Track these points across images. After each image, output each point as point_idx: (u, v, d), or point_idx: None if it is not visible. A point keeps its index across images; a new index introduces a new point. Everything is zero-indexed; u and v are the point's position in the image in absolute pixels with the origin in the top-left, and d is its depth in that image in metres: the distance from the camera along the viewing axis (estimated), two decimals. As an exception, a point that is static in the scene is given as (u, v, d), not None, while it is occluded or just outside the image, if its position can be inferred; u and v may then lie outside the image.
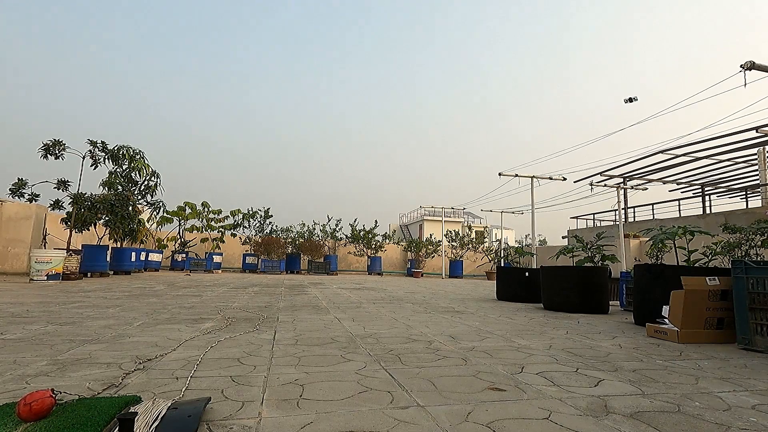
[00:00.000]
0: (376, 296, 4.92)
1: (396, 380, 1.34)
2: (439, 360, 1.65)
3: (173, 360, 1.55)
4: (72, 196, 7.28)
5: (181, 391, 1.18)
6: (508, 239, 27.88)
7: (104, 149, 8.33)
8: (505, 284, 5.03)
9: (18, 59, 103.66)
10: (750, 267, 2.09)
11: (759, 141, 9.40)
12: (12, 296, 3.78)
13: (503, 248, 12.87)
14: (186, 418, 0.94)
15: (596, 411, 1.09)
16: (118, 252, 8.60)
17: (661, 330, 2.31)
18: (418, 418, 1.01)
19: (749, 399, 1.23)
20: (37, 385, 1.22)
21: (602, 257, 4.19)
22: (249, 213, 14.58)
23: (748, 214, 9.75)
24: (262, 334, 2.13)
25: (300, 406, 1.08)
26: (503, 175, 11.81)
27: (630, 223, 16.08)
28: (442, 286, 8.47)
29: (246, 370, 1.43)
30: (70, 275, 6.35)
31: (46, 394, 0.93)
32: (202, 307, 3.28)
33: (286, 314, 3.00)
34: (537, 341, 2.14)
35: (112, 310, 2.93)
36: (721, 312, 2.24)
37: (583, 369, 1.55)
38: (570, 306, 3.74)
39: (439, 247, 16.67)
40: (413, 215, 37.92)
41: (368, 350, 1.81)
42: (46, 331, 2.06)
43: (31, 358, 1.53)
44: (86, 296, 3.92)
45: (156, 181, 9.58)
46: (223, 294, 4.60)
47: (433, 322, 2.80)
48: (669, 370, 1.58)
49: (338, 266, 15.32)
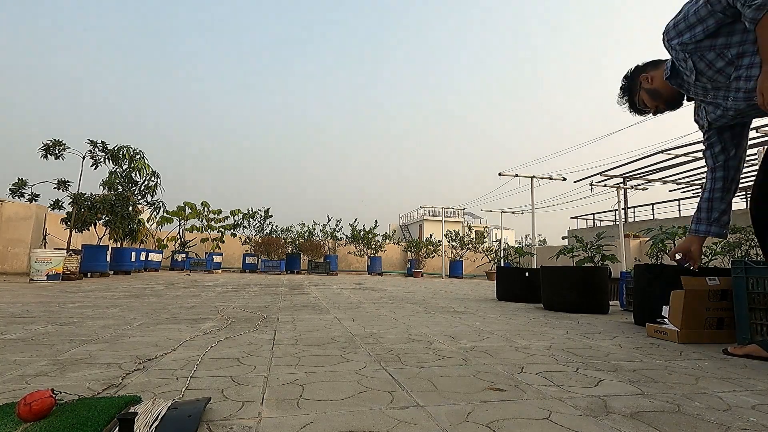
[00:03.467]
0: (376, 296, 4.92)
1: (396, 380, 1.34)
2: (439, 360, 1.65)
3: (173, 360, 1.55)
4: (72, 196, 7.28)
5: (181, 391, 1.18)
6: (508, 239, 27.88)
7: (104, 149, 8.33)
8: (505, 284, 5.03)
9: (17, 60, 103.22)
10: (750, 267, 2.09)
11: (759, 141, 9.39)
12: (12, 296, 3.78)
13: (503, 248, 12.86)
14: (186, 418, 0.94)
15: (596, 411, 1.09)
16: (118, 252, 8.60)
17: (661, 330, 2.31)
18: (418, 418, 1.01)
19: (749, 399, 1.23)
20: (37, 385, 1.22)
21: (602, 257, 4.19)
22: (249, 213, 14.59)
23: (748, 214, 9.74)
24: (262, 334, 2.13)
25: (300, 406, 1.08)
26: (503, 175, 11.81)
27: (630, 223, 16.08)
28: (442, 286, 8.47)
29: (246, 370, 1.43)
30: (70, 275, 6.35)
31: (46, 394, 0.93)
32: (202, 307, 3.28)
33: (286, 314, 3.00)
34: (537, 341, 2.14)
35: (112, 310, 2.93)
36: (721, 312, 2.24)
37: (583, 369, 1.55)
38: (570, 306, 3.74)
39: (439, 247, 16.67)
40: (413, 215, 37.90)
41: (368, 350, 1.81)
42: (46, 331, 2.06)
43: (31, 358, 1.53)
44: (86, 296, 3.92)
45: (156, 181, 9.59)
46: (223, 294, 4.60)
47: (433, 322, 2.80)
48: (669, 370, 1.58)
49: (338, 266, 15.32)
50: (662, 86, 1.98)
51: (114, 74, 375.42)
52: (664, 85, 1.97)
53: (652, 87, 2.00)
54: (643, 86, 2.03)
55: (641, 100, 2.06)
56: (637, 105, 2.09)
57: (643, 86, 2.03)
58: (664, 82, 1.96)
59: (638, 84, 2.06)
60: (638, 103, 2.08)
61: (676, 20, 1.77)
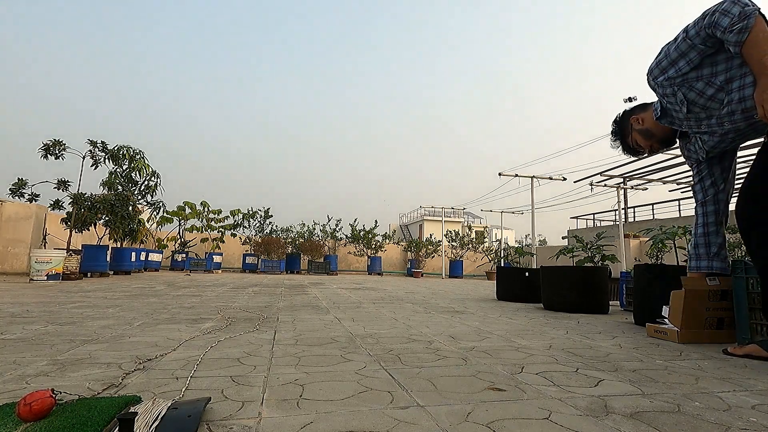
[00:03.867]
0: (376, 296, 4.92)
1: (396, 380, 1.34)
2: (439, 360, 1.65)
3: (173, 360, 1.55)
4: (72, 196, 7.28)
5: (181, 391, 1.18)
6: (508, 239, 27.88)
7: (104, 149, 8.33)
8: (505, 284, 5.03)
9: (18, 59, 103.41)
10: (750, 267, 2.09)
11: (759, 141, 9.38)
12: (12, 296, 3.78)
13: (503, 248, 12.86)
14: (186, 418, 0.94)
15: (596, 411, 1.09)
16: (118, 252, 8.60)
17: (661, 330, 2.31)
18: (418, 418, 1.01)
19: (749, 399, 1.23)
20: (37, 385, 1.22)
21: (602, 257, 4.19)
22: (249, 213, 14.59)
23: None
24: (262, 334, 2.13)
25: (300, 406, 1.08)
26: (503, 175, 11.81)
27: (630, 223, 16.08)
28: (442, 286, 8.47)
29: (246, 370, 1.43)
30: (70, 275, 6.35)
31: (46, 394, 0.93)
32: (202, 307, 3.28)
33: (286, 314, 3.00)
34: (537, 341, 2.14)
35: (112, 310, 2.93)
36: (721, 312, 2.24)
37: (583, 369, 1.55)
38: (570, 306, 3.74)
39: (439, 247, 16.66)
40: (413, 215, 37.90)
41: (368, 350, 1.81)
42: (46, 331, 2.06)
43: (31, 358, 1.53)
44: (86, 296, 3.92)
45: (156, 181, 9.58)
46: (223, 294, 4.60)
47: (433, 322, 2.80)
48: (669, 370, 1.58)
49: (338, 266, 15.32)
50: (653, 126, 2.03)
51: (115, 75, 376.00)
52: (655, 124, 2.02)
53: (643, 127, 2.06)
54: (635, 128, 2.09)
55: (635, 141, 2.12)
56: (631, 146, 2.14)
57: (635, 128, 2.09)
58: (655, 122, 2.00)
59: (629, 126, 2.11)
60: (632, 144, 2.13)
61: (658, 60, 1.84)
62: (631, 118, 2.08)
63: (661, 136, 2.04)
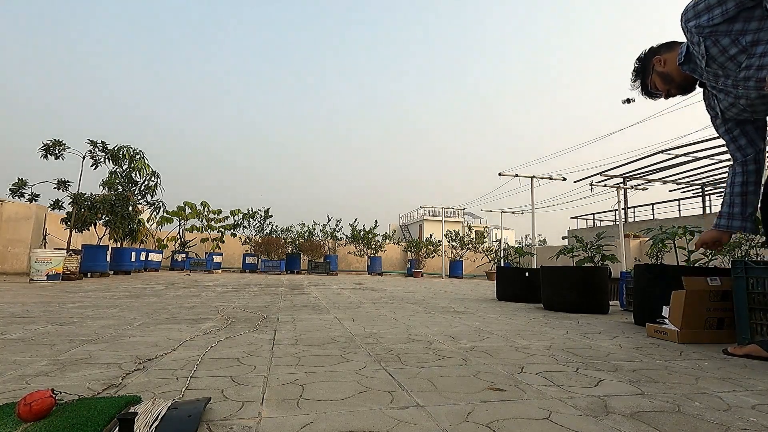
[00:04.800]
0: (376, 296, 4.92)
1: (396, 380, 1.34)
2: (439, 360, 1.65)
3: (173, 360, 1.55)
4: (72, 196, 7.28)
5: (181, 391, 1.18)
6: (508, 239, 27.88)
7: (104, 149, 8.33)
8: (505, 284, 5.03)
9: (18, 60, 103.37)
10: (750, 267, 2.09)
11: None
12: (12, 296, 3.78)
13: (503, 248, 12.86)
14: (186, 418, 0.94)
15: (596, 411, 1.09)
16: (118, 252, 8.60)
17: (661, 330, 2.31)
18: (418, 418, 1.01)
19: (749, 399, 1.23)
20: (37, 385, 1.21)
21: (602, 257, 4.19)
22: (249, 213, 14.59)
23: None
24: (262, 334, 2.13)
25: (300, 405, 1.08)
26: (503, 175, 11.81)
27: (630, 223, 16.08)
28: (442, 286, 8.47)
29: (246, 370, 1.43)
30: (70, 275, 6.35)
31: (46, 394, 0.93)
32: (202, 307, 3.28)
33: (286, 314, 3.00)
34: (537, 341, 2.14)
35: (112, 310, 2.93)
36: (721, 312, 2.24)
37: (583, 369, 1.55)
38: (570, 306, 3.74)
39: (439, 247, 16.66)
40: (413, 215, 37.90)
41: (368, 350, 1.81)
42: (46, 331, 2.06)
43: (31, 358, 1.53)
44: (86, 296, 3.92)
45: (156, 181, 9.58)
46: (223, 294, 4.60)
47: (433, 322, 2.80)
48: (669, 370, 1.58)
49: (338, 266, 15.32)
50: (675, 70, 1.91)
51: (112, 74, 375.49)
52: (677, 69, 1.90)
53: (664, 70, 1.93)
54: (656, 69, 1.96)
55: (653, 83, 1.99)
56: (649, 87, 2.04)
57: (656, 69, 1.96)
58: (677, 67, 1.90)
59: (651, 66, 1.98)
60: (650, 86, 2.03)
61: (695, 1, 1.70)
62: (655, 58, 1.97)
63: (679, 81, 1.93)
